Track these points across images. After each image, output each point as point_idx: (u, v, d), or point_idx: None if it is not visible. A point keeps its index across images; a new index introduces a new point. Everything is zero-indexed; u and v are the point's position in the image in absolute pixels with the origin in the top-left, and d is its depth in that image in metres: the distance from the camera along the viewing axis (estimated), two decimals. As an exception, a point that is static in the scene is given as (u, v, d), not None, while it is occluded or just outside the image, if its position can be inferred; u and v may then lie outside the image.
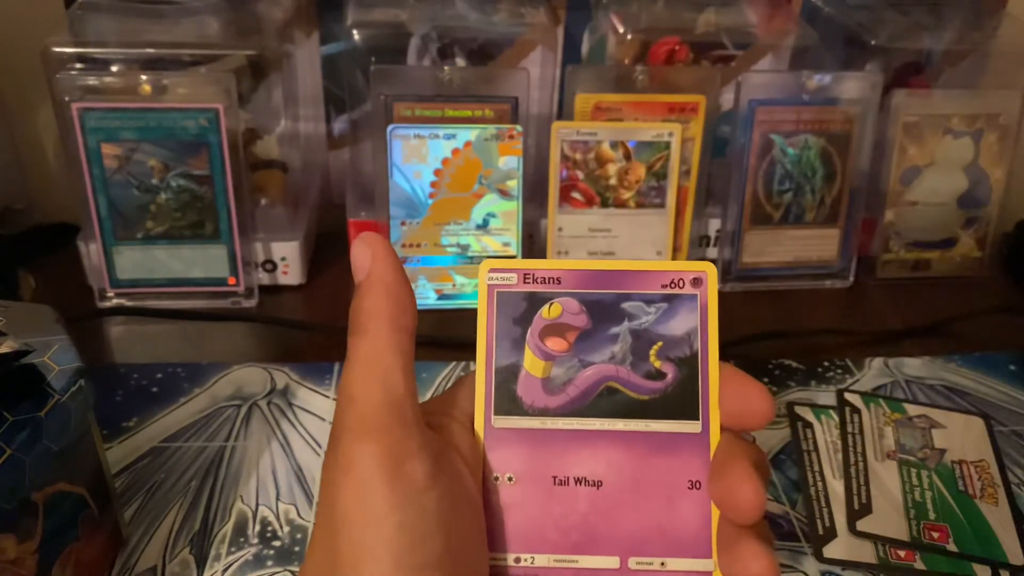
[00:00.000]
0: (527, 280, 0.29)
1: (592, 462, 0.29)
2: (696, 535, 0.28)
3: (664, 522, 0.28)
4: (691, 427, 0.28)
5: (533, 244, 0.68)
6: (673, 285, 0.29)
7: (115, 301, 0.63)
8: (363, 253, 0.29)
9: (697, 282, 0.29)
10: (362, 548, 0.25)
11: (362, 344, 0.27)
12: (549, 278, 0.29)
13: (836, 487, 0.49)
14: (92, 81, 0.58)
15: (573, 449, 0.29)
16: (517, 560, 0.28)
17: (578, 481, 0.29)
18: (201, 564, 0.44)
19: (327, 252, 0.70)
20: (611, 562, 0.28)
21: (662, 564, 0.28)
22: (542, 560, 0.28)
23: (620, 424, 0.29)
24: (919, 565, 0.45)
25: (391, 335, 0.27)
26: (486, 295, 0.29)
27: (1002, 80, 0.71)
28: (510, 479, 0.29)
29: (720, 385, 0.29)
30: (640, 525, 0.28)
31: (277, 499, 0.48)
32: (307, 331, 0.62)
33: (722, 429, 0.28)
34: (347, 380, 0.27)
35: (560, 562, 0.28)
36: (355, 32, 0.64)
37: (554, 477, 0.29)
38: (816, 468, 0.51)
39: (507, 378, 0.29)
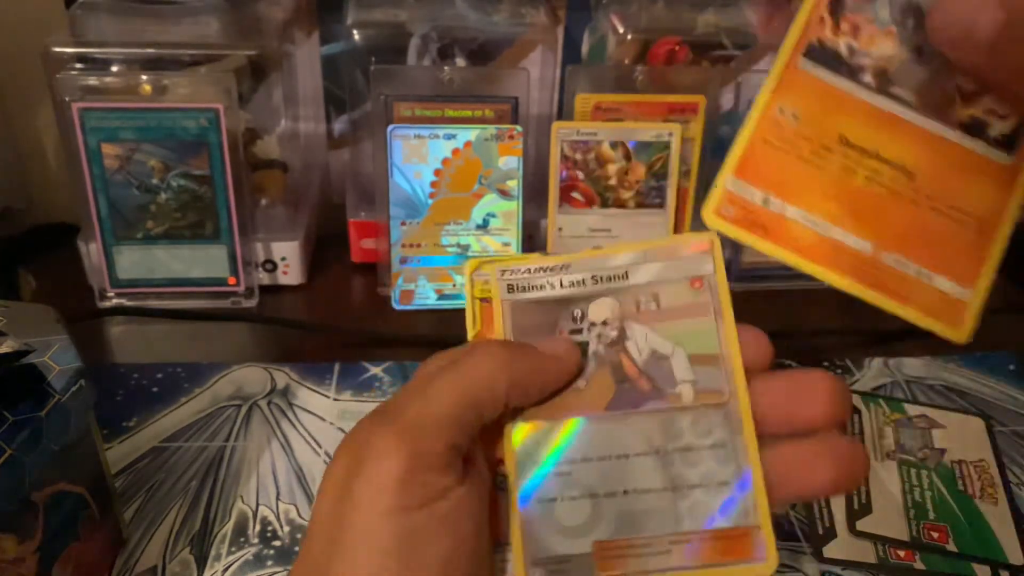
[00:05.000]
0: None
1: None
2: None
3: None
4: None
5: (533, 244, 0.68)
6: None
7: (115, 301, 0.63)
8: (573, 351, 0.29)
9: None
10: (365, 537, 0.25)
11: (499, 357, 0.28)
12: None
13: (836, 487, 0.49)
14: (92, 81, 0.58)
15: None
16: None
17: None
18: (201, 564, 0.44)
19: (327, 252, 0.70)
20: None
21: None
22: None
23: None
24: (919, 565, 0.45)
25: (515, 385, 0.28)
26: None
27: (1002, 80, 0.71)
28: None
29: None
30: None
31: (277, 499, 0.48)
32: (307, 331, 0.62)
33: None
34: (443, 375, 0.27)
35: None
36: (355, 32, 0.64)
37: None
38: (816, 468, 0.51)
39: None
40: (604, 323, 0.30)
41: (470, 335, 0.31)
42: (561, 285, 0.30)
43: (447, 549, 0.26)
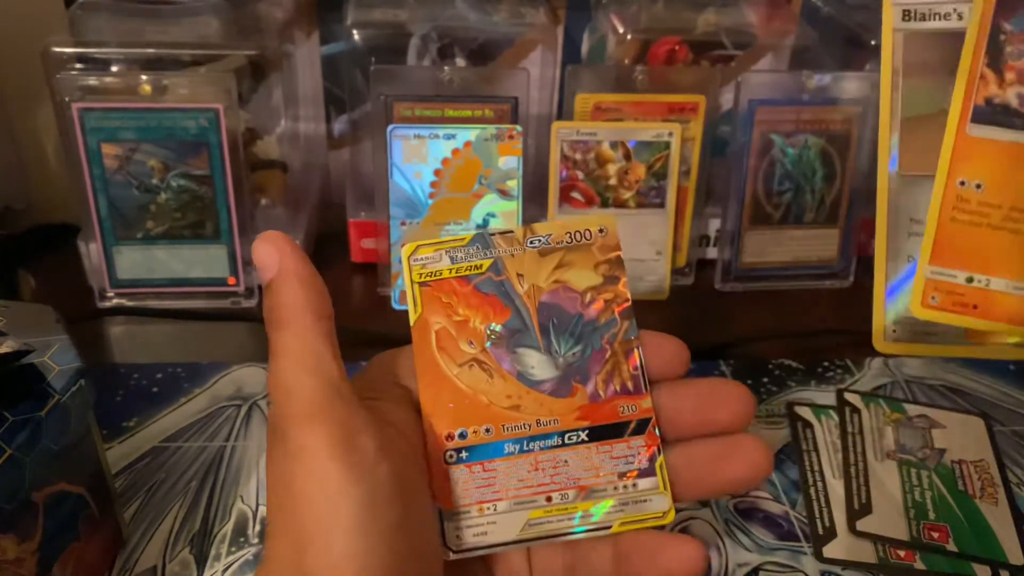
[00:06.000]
0: None
1: None
2: None
3: None
4: None
5: (533, 244, 0.68)
6: None
7: (115, 301, 0.63)
8: (268, 251, 0.29)
9: None
10: (326, 522, 0.25)
11: (287, 337, 0.28)
12: None
13: (836, 487, 0.49)
14: (92, 81, 0.58)
15: None
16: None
17: None
18: (201, 564, 0.44)
19: (327, 252, 0.70)
20: None
21: None
22: (998, 284, 0.26)
23: None
24: (919, 565, 0.45)
25: (316, 324, 0.28)
26: None
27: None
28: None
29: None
30: None
31: (277, 499, 0.48)
32: (307, 331, 0.62)
33: None
34: (279, 374, 0.28)
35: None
36: (355, 32, 0.64)
37: None
38: (816, 468, 0.51)
39: None
40: None
41: (412, 320, 0.32)
42: (969, 16, 0.26)
43: (399, 515, 0.26)
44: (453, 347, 0.31)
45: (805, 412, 0.55)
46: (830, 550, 0.46)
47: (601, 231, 0.32)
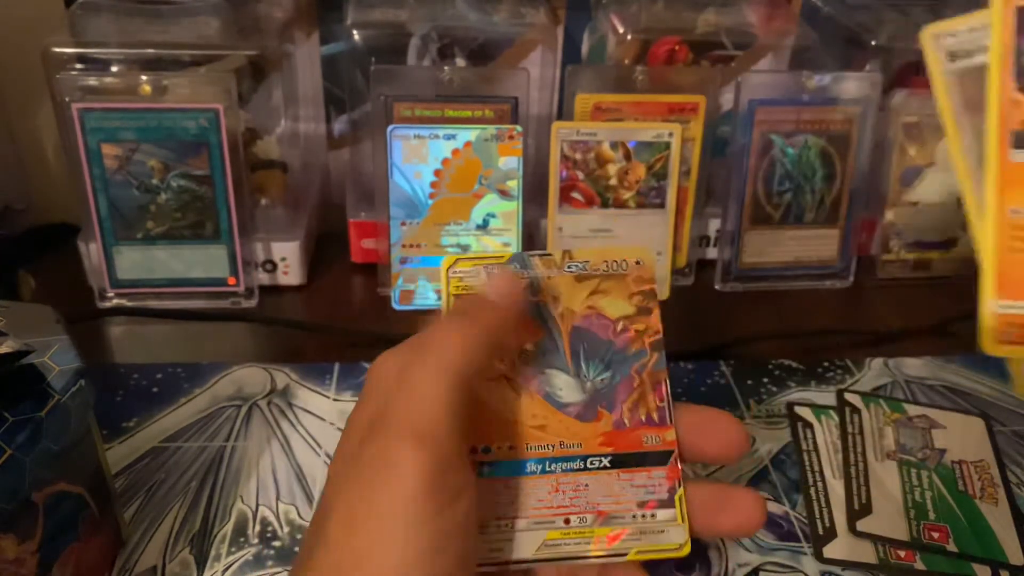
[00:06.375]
0: None
1: None
2: None
3: None
4: None
5: (533, 244, 0.68)
6: None
7: (115, 301, 0.63)
8: (505, 286, 0.30)
9: None
10: (396, 551, 0.25)
11: (461, 328, 0.28)
12: None
13: (836, 487, 0.49)
14: (92, 81, 0.58)
15: None
16: None
17: None
18: (201, 564, 0.44)
19: (327, 252, 0.70)
20: None
21: None
22: None
23: None
24: (919, 565, 0.45)
25: (487, 348, 0.28)
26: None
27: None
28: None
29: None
30: None
31: (277, 499, 0.48)
32: (307, 331, 0.62)
33: None
34: (417, 369, 0.27)
35: None
36: (355, 32, 0.64)
37: None
38: (816, 468, 0.51)
39: None
40: None
41: None
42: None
43: (465, 546, 0.26)
44: None
45: (805, 412, 0.55)
46: (830, 550, 0.46)
47: (638, 263, 0.32)
